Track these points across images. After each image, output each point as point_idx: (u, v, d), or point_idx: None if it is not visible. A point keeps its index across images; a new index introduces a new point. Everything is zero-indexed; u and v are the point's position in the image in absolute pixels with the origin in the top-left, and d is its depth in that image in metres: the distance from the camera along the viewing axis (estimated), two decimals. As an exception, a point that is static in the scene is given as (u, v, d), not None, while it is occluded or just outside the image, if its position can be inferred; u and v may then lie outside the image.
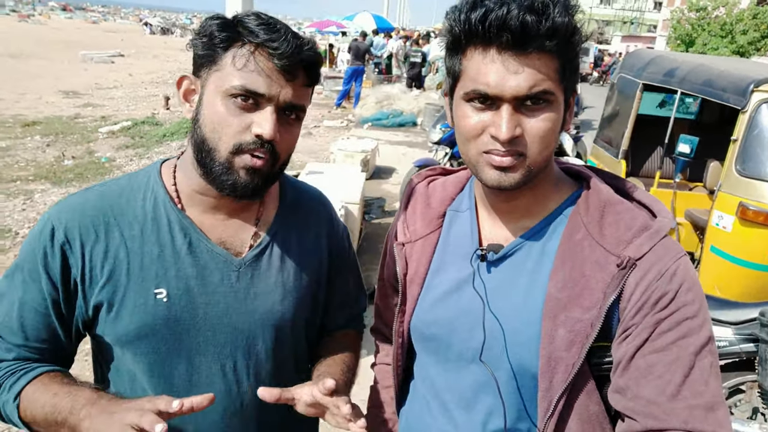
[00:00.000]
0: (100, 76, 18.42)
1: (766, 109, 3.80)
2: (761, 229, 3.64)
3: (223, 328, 1.06)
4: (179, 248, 1.04)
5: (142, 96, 15.44)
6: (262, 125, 0.95)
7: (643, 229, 0.90)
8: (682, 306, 0.85)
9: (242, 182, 0.98)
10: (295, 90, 0.98)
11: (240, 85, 0.94)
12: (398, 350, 1.13)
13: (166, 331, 1.02)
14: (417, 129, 12.12)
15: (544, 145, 0.88)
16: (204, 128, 0.98)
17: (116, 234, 1.01)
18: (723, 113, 5.37)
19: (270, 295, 1.10)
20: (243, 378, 1.09)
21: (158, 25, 53.35)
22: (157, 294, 1.01)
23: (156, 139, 10.28)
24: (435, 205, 1.11)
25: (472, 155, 0.91)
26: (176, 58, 26.69)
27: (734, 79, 4.07)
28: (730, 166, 3.87)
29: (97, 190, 1.06)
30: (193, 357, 1.05)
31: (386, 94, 13.33)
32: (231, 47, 0.96)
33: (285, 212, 1.17)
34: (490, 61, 0.84)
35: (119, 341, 1.03)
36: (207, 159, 0.98)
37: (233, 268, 1.07)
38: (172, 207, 1.05)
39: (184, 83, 1.03)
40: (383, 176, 8.25)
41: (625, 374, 0.87)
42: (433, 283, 1.06)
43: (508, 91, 0.84)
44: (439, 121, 6.48)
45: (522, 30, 0.80)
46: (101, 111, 12.78)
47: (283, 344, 1.13)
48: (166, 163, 1.12)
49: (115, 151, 9.38)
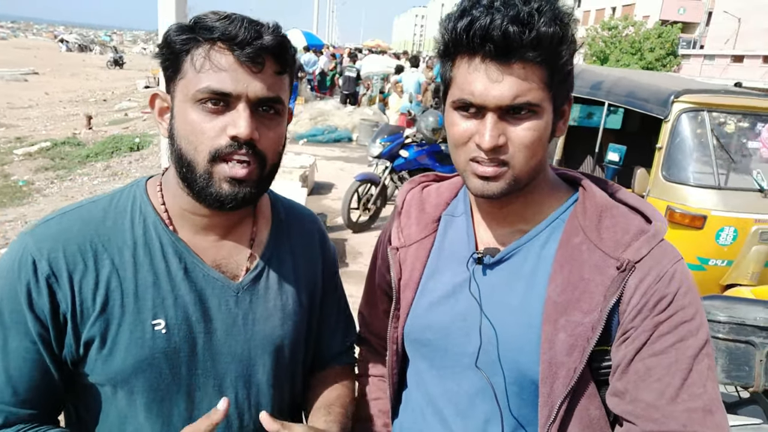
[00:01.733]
0: (12, 95, 17.33)
1: (686, 118, 4.07)
2: (688, 230, 3.89)
3: (223, 356, 0.99)
4: (174, 274, 0.95)
5: (61, 115, 14.63)
6: (236, 124, 0.87)
7: (641, 232, 0.91)
8: (680, 309, 0.85)
9: (226, 194, 0.91)
10: (265, 81, 0.89)
11: (204, 87, 0.86)
12: (393, 357, 1.10)
13: (165, 365, 0.93)
14: (353, 145, 12.13)
15: (530, 154, 0.88)
16: (179, 141, 0.91)
17: (106, 262, 0.92)
18: (644, 122, 5.72)
19: (270, 319, 1.04)
20: (244, 410, 1.01)
21: (75, 41, 51.10)
22: (155, 325, 0.92)
23: (78, 159, 9.75)
24: (430, 210, 1.10)
25: (461, 162, 0.92)
26: (97, 76, 25.57)
27: (656, 91, 4.35)
28: (657, 173, 4.11)
29: (76, 214, 0.94)
30: (193, 391, 0.97)
31: (320, 111, 13.29)
32: (190, 51, 0.88)
33: (279, 232, 1.11)
34: (474, 70, 0.85)
35: (112, 380, 0.92)
36: (188, 173, 0.91)
37: (231, 293, 1.00)
38: (164, 229, 0.97)
39: (157, 102, 0.96)
40: (322, 192, 8.18)
41: (623, 377, 0.87)
42: (427, 288, 1.04)
43: (491, 100, 0.84)
44: (379, 135, 6.51)
45: (504, 40, 0.80)
46: (15, 131, 12.00)
47: (282, 370, 1.07)
48: (150, 180, 1.03)
49: (34, 174, 8.81)
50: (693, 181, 3.98)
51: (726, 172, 4.09)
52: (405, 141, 6.42)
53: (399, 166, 6.42)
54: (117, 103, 17.61)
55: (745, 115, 4.49)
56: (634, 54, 31.26)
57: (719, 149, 4.11)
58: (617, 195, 1.00)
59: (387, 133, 6.49)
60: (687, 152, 4.05)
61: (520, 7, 0.80)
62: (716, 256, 3.90)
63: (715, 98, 4.17)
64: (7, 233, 6.00)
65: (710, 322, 2.52)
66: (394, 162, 6.40)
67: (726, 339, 2.47)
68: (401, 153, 6.40)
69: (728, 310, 2.52)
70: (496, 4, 0.82)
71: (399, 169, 6.44)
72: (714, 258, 3.90)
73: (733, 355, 2.48)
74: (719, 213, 3.85)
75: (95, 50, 49.14)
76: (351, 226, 6.28)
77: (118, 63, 34.15)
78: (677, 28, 32.21)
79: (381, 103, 14.21)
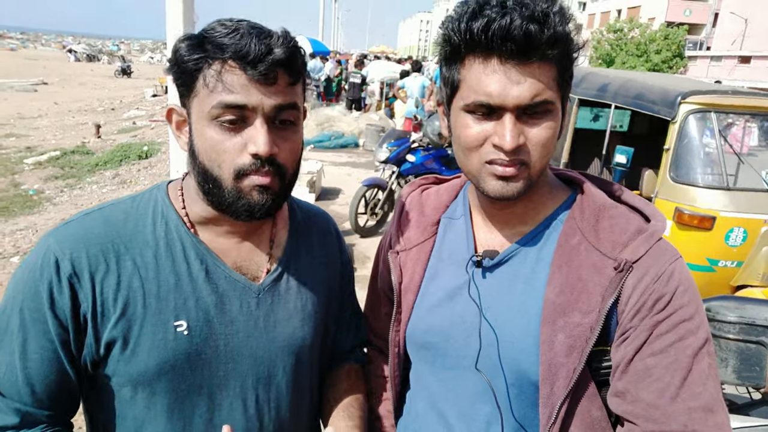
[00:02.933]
0: (22, 106, 17.49)
1: (693, 119, 4.06)
2: (697, 231, 3.87)
3: (244, 359, 0.99)
4: (196, 276, 0.96)
5: (70, 125, 14.75)
6: (256, 141, 0.88)
7: (639, 232, 0.91)
8: (679, 308, 0.85)
9: (256, 202, 0.92)
10: (279, 93, 0.90)
11: (218, 103, 0.87)
12: (395, 360, 1.11)
13: (187, 367, 0.94)
14: (359, 150, 12.17)
15: (545, 153, 0.88)
16: (202, 158, 0.91)
17: (128, 263, 0.92)
18: (652, 124, 5.70)
19: (290, 320, 1.04)
20: (264, 413, 1.02)
21: (83, 51, 51.48)
22: (177, 327, 0.93)
23: (88, 168, 9.83)
24: (429, 213, 1.10)
25: (474, 166, 0.91)
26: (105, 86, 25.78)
27: (663, 92, 4.34)
28: (664, 174, 4.09)
29: (98, 216, 0.95)
30: (215, 393, 0.97)
31: (326, 117, 13.34)
32: (201, 69, 0.88)
33: (297, 233, 1.12)
34: (491, 71, 0.84)
35: (133, 381, 0.92)
36: (215, 189, 0.92)
37: (252, 294, 1.01)
38: (186, 232, 0.98)
39: (173, 116, 0.97)
40: (330, 197, 8.20)
41: (624, 377, 0.87)
42: (428, 291, 1.05)
43: (510, 101, 0.83)
44: (386, 140, 6.52)
45: (525, 40, 0.80)
46: (26, 141, 12.11)
47: (302, 371, 1.08)
48: (171, 185, 1.04)
49: (44, 183, 8.88)
50: (701, 182, 3.97)
51: (734, 173, 4.07)
52: (412, 146, 6.43)
53: (406, 171, 6.43)
54: (125, 112, 17.75)
55: (753, 116, 4.47)
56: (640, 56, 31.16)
57: (727, 150, 4.09)
58: (616, 194, 1.00)
59: (394, 138, 6.51)
60: (695, 153, 4.04)
61: (533, 7, 0.81)
62: (726, 257, 3.87)
63: (722, 99, 4.15)
64: (18, 242, 6.05)
65: (720, 323, 2.51)
66: (401, 167, 6.41)
67: (737, 339, 2.45)
68: (408, 158, 6.41)
69: (738, 311, 2.50)
70: (509, 3, 0.82)
71: (406, 173, 6.44)
72: (724, 259, 3.87)
73: (744, 355, 2.46)
74: (728, 214, 3.83)
75: (103, 60, 49.56)
76: (358, 231, 6.30)
77: (126, 72, 34.42)
78: (683, 30, 32.10)
79: (387, 109, 14.24)
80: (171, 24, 3.78)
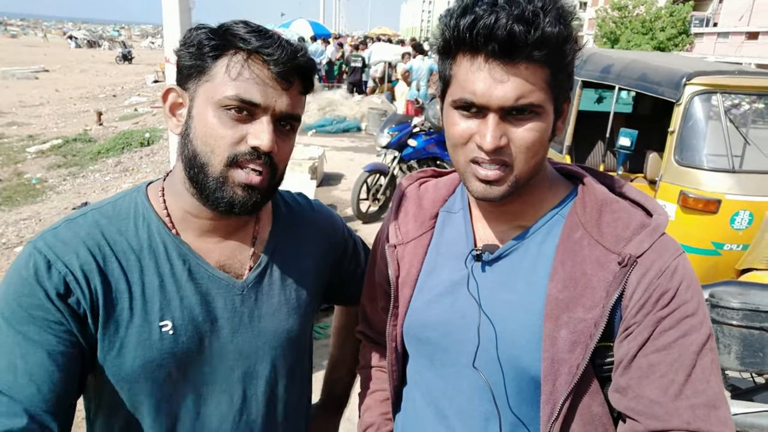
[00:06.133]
0: (23, 93, 17.48)
1: (698, 100, 4.00)
2: (702, 215, 3.83)
3: (230, 354, 1.01)
4: (179, 276, 0.98)
5: (72, 112, 14.73)
6: (260, 136, 0.90)
7: (642, 226, 0.90)
8: (683, 304, 0.84)
9: (239, 199, 0.93)
10: (291, 99, 0.94)
11: (234, 95, 0.89)
12: (392, 355, 1.10)
13: (173, 365, 0.96)
14: (362, 134, 12.11)
15: (531, 155, 0.87)
16: (195, 142, 0.92)
17: (114, 266, 0.94)
18: (656, 106, 5.63)
19: (275, 314, 1.06)
20: (252, 405, 1.04)
21: (84, 38, 51.30)
22: (162, 327, 0.94)
23: (90, 156, 9.83)
24: (427, 207, 1.09)
25: (460, 163, 0.91)
26: (107, 72, 25.69)
27: (668, 74, 4.27)
28: (669, 157, 4.04)
29: (82, 221, 0.96)
30: (201, 389, 1.00)
31: (328, 101, 13.27)
32: (222, 56, 0.91)
33: (280, 226, 1.13)
34: (477, 69, 0.83)
35: (121, 380, 0.94)
36: (200, 174, 0.93)
37: (236, 291, 1.03)
38: (167, 233, 0.99)
39: (170, 96, 0.97)
40: (332, 182, 8.18)
41: (626, 374, 0.86)
42: (426, 285, 1.04)
43: (494, 101, 0.82)
44: (387, 125, 6.48)
45: (509, 40, 0.78)
46: (28, 129, 12.11)
47: (290, 362, 1.10)
48: (151, 186, 1.04)
49: (46, 171, 8.90)
50: (707, 165, 3.91)
51: (740, 155, 4.01)
52: (413, 130, 6.38)
53: (408, 156, 6.39)
54: (127, 99, 17.70)
55: (759, 96, 4.40)
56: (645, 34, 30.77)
57: (733, 131, 4.02)
58: (618, 189, 0.99)
59: (395, 122, 6.46)
60: (700, 135, 3.98)
61: (524, 6, 0.78)
62: (731, 241, 3.83)
63: (727, 80, 4.08)
64: (21, 231, 6.07)
65: (724, 309, 2.49)
66: (403, 151, 6.37)
67: (740, 326, 2.44)
68: (410, 142, 6.37)
69: (742, 296, 2.48)
70: (500, 1, 0.80)
71: (408, 158, 6.41)
72: (729, 242, 3.84)
73: (747, 341, 2.45)
74: (734, 197, 3.78)
75: (104, 46, 49.35)
76: (360, 216, 6.28)
77: (127, 58, 34.21)
78: (689, 6, 31.65)
79: (388, 92, 14.13)
80: (167, 10, 3.74)
